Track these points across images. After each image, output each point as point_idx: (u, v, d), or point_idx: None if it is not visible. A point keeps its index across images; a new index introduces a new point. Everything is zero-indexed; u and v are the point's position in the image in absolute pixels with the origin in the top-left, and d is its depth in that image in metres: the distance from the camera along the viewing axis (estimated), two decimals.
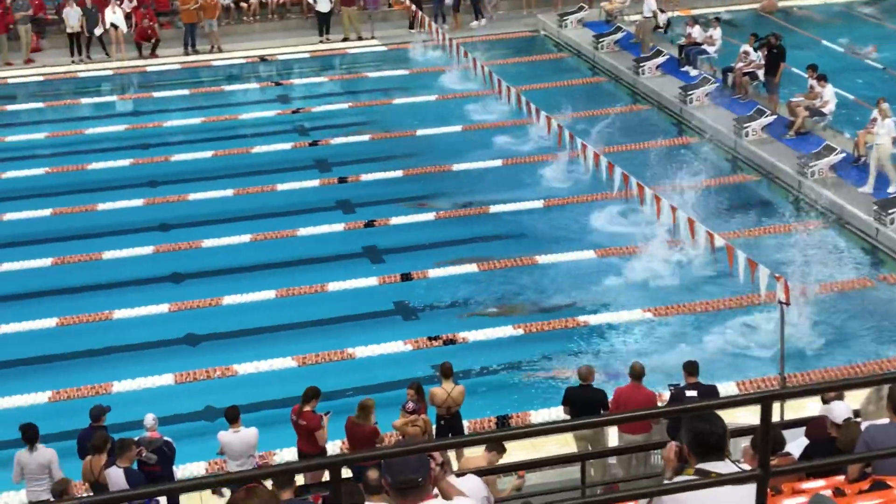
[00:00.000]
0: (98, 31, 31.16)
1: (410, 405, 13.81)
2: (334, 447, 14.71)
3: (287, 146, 26.10)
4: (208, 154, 25.67)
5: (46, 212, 22.77)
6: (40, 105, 29.10)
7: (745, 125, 24.65)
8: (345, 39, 33.09)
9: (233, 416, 13.72)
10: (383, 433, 14.01)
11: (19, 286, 20.18)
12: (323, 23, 33.07)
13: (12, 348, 18.29)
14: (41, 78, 30.70)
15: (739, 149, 24.60)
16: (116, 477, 12.36)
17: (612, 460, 14.27)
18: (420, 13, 31.97)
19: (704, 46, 28.68)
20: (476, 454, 12.65)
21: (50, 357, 18.13)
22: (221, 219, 22.52)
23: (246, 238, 21.63)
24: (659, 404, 14.54)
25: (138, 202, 23.18)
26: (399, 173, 24.42)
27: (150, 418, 13.53)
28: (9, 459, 13.67)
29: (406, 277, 20.20)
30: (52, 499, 12.66)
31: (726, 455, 5.91)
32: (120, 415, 14.33)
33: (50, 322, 18.78)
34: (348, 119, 27.85)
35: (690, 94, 26.74)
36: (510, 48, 32.79)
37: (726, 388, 16.02)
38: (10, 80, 30.48)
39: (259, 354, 17.82)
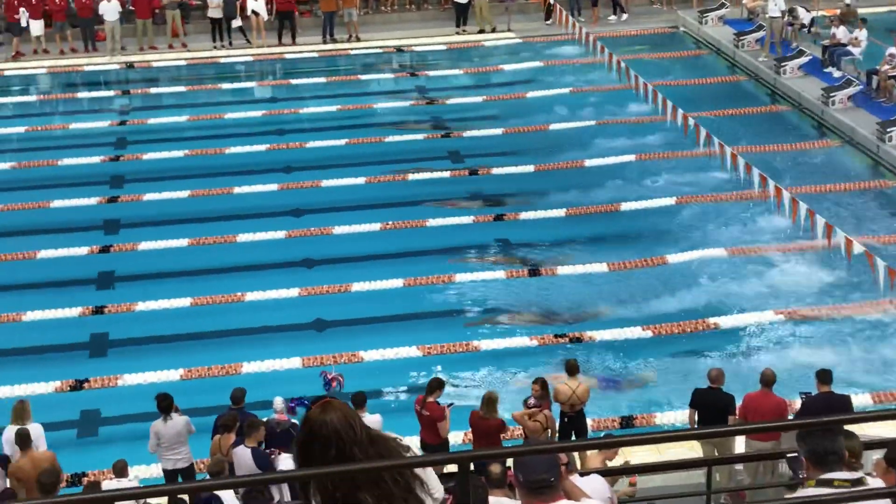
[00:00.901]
0: (235, 24, 31.75)
1: (532, 400, 13.72)
2: (456, 438, 14.72)
3: (420, 137, 26.23)
4: (342, 142, 25.93)
5: (184, 193, 23.25)
6: (182, 89, 29.79)
7: (889, 129, 23.86)
8: (480, 31, 33.11)
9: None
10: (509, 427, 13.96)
11: (156, 266, 20.68)
12: (461, 14, 33.13)
13: (148, 326, 18.75)
14: (184, 62, 31.43)
15: (882, 154, 23.84)
16: (243, 456, 12.56)
17: (739, 466, 13.96)
18: (557, 6, 31.74)
19: (849, 48, 27.85)
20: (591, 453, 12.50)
21: (183, 336, 18.55)
22: (353, 206, 22.73)
23: (376, 227, 21.79)
24: (789, 413, 14.19)
25: (273, 187, 23.53)
26: (530, 168, 24.30)
27: (279, 401, 13.73)
28: (145, 433, 14.00)
29: (534, 273, 20.10)
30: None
31: (857, 467, 5.75)
32: (248, 396, 14.55)
33: (184, 301, 19.19)
34: (481, 111, 27.83)
35: (833, 96, 26.01)
36: (648, 44, 32.36)
37: (861, 400, 15.54)
38: (155, 64, 31.26)
39: (385, 342, 17.90)
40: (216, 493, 10.79)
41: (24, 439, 12.80)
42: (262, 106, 28.37)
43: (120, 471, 12.78)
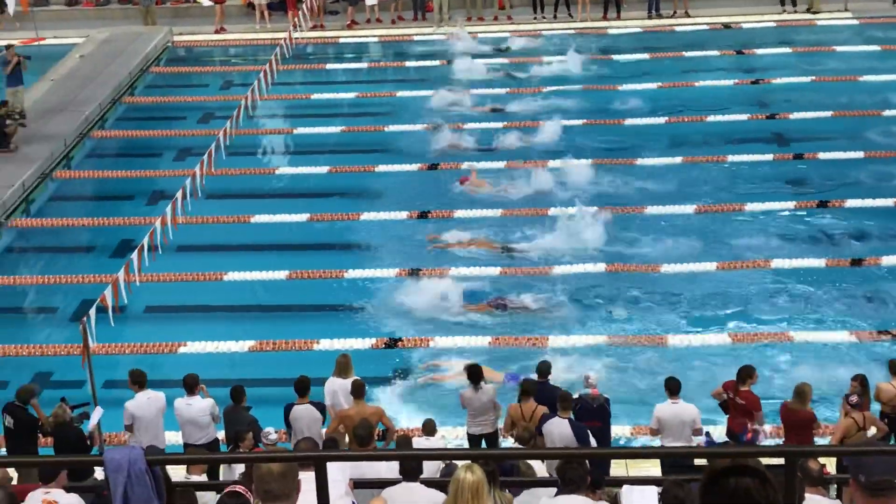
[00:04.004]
0: None
1: (854, 398, 13.02)
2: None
3: (743, 117, 25.45)
4: (661, 120, 25.56)
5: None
6: (505, 61, 30.00)
7: None
8: (808, 10, 31.79)
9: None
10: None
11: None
12: None
13: None
14: (507, 34, 31.73)
15: None
16: (560, 427, 12.63)
17: None
18: None
19: None
20: None
21: None
22: (667, 186, 22.37)
23: (689, 209, 21.36)
24: None
25: (585, 163, 23.44)
26: (860, 154, 23.12)
27: (592, 377, 13.73)
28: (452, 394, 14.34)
29: (856, 263, 19.15)
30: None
31: None
32: (561, 371, 14.61)
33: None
34: (810, 93, 26.63)
35: None
36: None
37: None
38: (480, 35, 31.77)
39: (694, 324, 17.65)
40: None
41: (358, 389, 13.41)
42: (582, 80, 28.27)
43: (430, 430, 13.16)
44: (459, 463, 8.25)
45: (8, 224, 21.80)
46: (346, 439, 12.97)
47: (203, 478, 11.83)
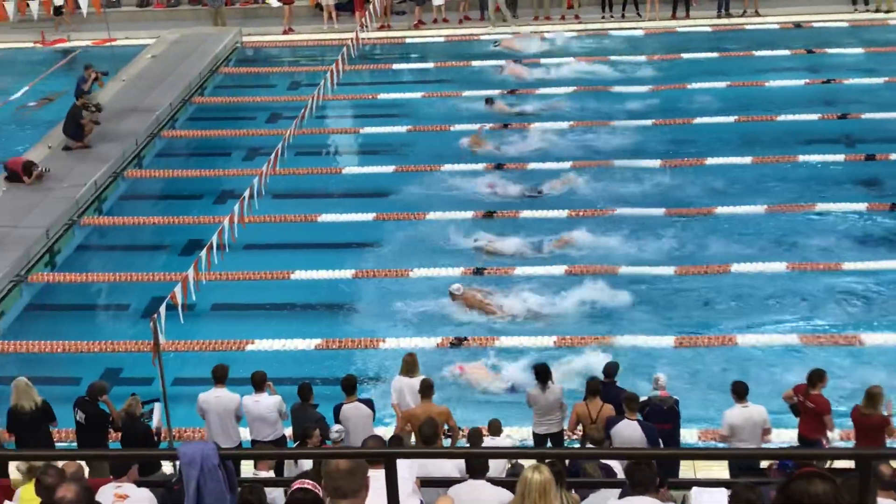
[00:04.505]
0: None
1: None
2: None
3: (813, 117, 25.10)
4: (730, 119, 25.30)
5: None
6: (570, 60, 29.85)
7: None
8: (877, 10, 31.31)
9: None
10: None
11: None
12: None
13: None
14: (574, 34, 31.59)
15: None
16: (630, 429, 12.56)
17: None
18: None
19: None
20: None
21: None
22: (737, 186, 22.16)
23: (760, 208, 21.14)
24: None
25: (654, 163, 23.28)
26: None
27: (662, 378, 13.64)
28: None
29: None
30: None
31: None
32: (629, 373, 14.52)
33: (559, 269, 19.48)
34: (882, 94, 26.20)
35: None
36: None
37: None
38: (547, 35, 31.67)
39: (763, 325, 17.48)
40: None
41: (426, 389, 13.48)
42: (649, 81, 28.06)
43: (495, 429, 13.15)
44: (526, 463, 8.23)
45: (81, 222, 22.14)
46: (413, 438, 12.99)
47: (270, 474, 11.93)
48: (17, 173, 22.77)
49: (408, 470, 7.59)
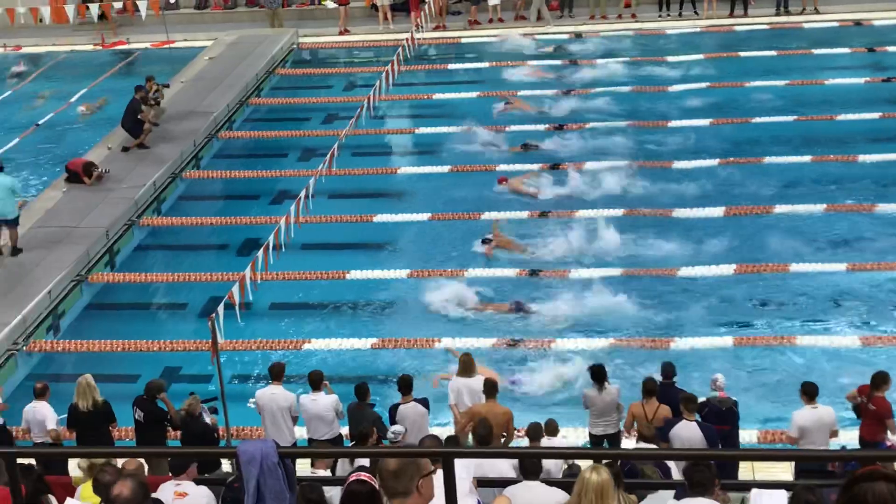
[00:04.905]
0: None
1: None
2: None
3: (875, 116, 24.76)
4: (789, 118, 25.03)
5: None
6: (625, 59, 29.73)
7: None
8: None
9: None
10: None
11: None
12: None
13: None
14: (631, 33, 31.47)
15: None
16: (689, 430, 12.46)
17: None
18: None
19: None
20: None
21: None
22: (796, 186, 21.93)
23: (820, 208, 20.90)
24: None
25: (712, 162, 23.11)
26: None
27: (720, 379, 13.52)
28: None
29: None
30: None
31: None
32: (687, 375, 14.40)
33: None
34: None
35: None
36: None
37: None
38: (603, 34, 31.56)
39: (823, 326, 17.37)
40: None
41: (490, 389, 13.51)
42: (707, 78, 27.84)
43: (552, 430, 13.10)
44: (583, 464, 8.19)
45: (140, 222, 22.38)
46: (469, 438, 12.99)
47: (327, 473, 11.98)
48: (77, 174, 23.10)
49: (465, 470, 7.57)
